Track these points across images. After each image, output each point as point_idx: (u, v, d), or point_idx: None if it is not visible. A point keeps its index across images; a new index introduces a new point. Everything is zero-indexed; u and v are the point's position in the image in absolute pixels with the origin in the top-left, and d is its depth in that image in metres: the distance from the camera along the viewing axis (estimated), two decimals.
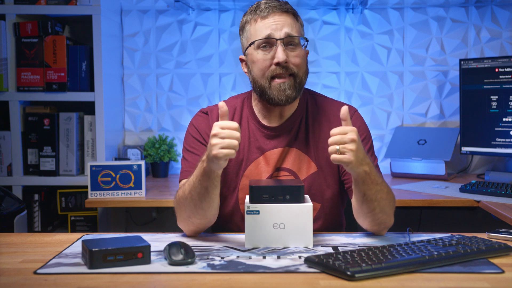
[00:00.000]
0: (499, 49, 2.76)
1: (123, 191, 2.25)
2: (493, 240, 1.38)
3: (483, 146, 2.54)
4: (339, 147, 1.31)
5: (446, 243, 1.30)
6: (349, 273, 1.11)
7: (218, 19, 2.81)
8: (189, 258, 1.23)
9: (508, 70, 2.45)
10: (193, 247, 1.31)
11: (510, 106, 2.45)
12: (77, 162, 2.52)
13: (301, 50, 1.53)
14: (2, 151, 2.49)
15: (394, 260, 1.17)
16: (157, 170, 2.72)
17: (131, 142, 2.86)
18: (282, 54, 1.48)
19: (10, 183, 2.48)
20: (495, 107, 2.50)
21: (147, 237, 1.42)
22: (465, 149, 2.59)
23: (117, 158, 2.68)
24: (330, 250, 1.35)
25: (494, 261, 1.25)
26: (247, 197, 1.40)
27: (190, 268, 1.21)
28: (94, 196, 2.24)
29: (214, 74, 2.83)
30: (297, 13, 1.58)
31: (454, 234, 1.43)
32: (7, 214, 2.14)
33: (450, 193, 2.24)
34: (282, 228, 1.36)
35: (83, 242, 1.25)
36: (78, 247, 1.38)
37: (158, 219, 2.72)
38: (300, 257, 1.28)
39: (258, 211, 1.35)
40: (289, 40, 1.51)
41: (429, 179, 2.57)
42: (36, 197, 2.52)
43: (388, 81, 2.81)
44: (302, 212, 1.35)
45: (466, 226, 2.61)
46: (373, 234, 1.50)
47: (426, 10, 2.79)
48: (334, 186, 1.59)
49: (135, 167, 2.26)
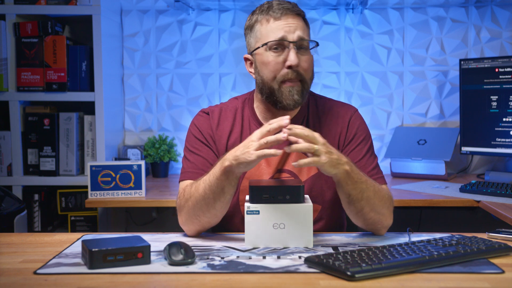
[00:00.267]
0: (499, 49, 2.76)
1: (123, 191, 2.25)
2: (493, 240, 1.38)
3: (483, 146, 2.53)
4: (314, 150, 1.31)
5: (446, 243, 1.30)
6: (349, 273, 1.11)
7: (218, 19, 2.81)
8: (189, 258, 1.23)
9: (508, 70, 2.45)
10: (193, 247, 1.31)
11: (510, 106, 2.45)
12: (77, 162, 2.52)
13: (310, 55, 1.53)
14: (2, 151, 2.48)
15: (394, 260, 1.17)
16: (157, 170, 2.72)
17: (131, 142, 2.86)
18: (294, 57, 1.47)
19: (10, 183, 2.48)
20: (495, 107, 2.49)
21: (147, 237, 1.42)
22: (465, 149, 2.59)
23: (117, 158, 2.68)
24: (330, 250, 1.35)
25: (494, 261, 1.25)
26: (247, 197, 1.40)
27: (190, 268, 1.21)
28: (94, 196, 2.24)
29: (214, 74, 2.83)
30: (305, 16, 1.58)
31: (454, 234, 1.43)
32: (7, 214, 2.14)
33: (450, 193, 2.24)
34: (282, 228, 1.36)
35: (83, 242, 1.25)
36: (78, 247, 1.38)
37: (158, 219, 2.72)
38: (300, 257, 1.28)
39: (258, 211, 1.35)
40: (300, 43, 1.50)
41: (429, 179, 2.57)
42: (36, 197, 2.52)
43: (388, 81, 2.81)
44: (302, 212, 1.35)
45: (466, 226, 2.61)
46: (373, 234, 1.50)
47: (426, 10, 2.79)
48: (335, 188, 1.58)
49: (135, 167, 2.26)
